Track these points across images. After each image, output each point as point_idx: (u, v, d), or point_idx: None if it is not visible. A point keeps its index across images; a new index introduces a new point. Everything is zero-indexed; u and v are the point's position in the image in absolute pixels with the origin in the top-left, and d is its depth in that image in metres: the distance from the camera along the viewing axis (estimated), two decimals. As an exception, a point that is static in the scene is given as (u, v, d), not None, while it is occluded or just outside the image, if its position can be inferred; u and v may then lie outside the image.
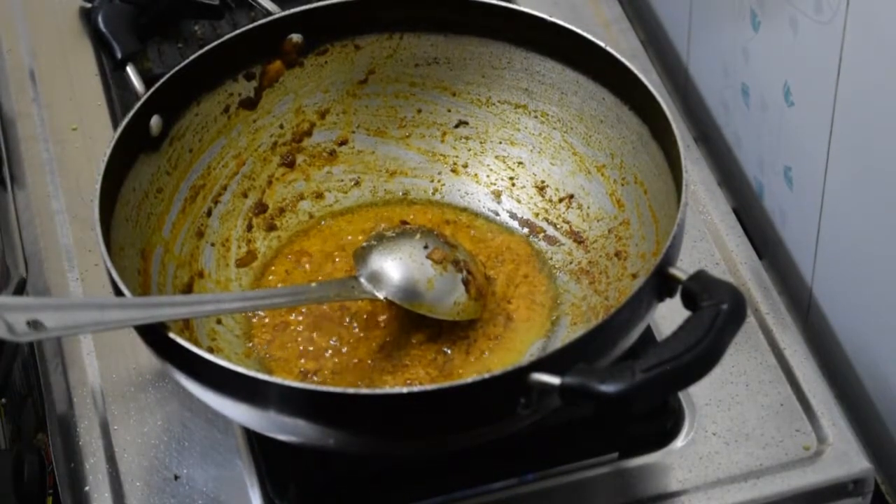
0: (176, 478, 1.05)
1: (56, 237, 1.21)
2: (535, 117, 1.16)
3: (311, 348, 1.08)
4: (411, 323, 1.08)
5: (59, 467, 1.07)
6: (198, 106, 1.12)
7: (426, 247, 1.09)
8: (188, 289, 1.10)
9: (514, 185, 1.18)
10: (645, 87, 1.05)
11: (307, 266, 1.14)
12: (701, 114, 1.34)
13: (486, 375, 0.89)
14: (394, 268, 1.07)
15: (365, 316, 1.09)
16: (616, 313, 0.93)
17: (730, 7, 1.22)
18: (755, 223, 1.26)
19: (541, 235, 1.16)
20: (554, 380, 0.87)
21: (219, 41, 1.11)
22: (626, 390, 0.85)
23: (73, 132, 1.29)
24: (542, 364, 0.89)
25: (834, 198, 1.13)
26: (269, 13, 1.15)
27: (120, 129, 1.05)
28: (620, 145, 1.11)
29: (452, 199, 1.19)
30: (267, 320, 1.10)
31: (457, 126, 1.19)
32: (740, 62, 1.23)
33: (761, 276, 1.17)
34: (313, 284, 1.09)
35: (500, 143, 1.18)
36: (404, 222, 1.17)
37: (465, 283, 1.08)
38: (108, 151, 1.03)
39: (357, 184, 1.19)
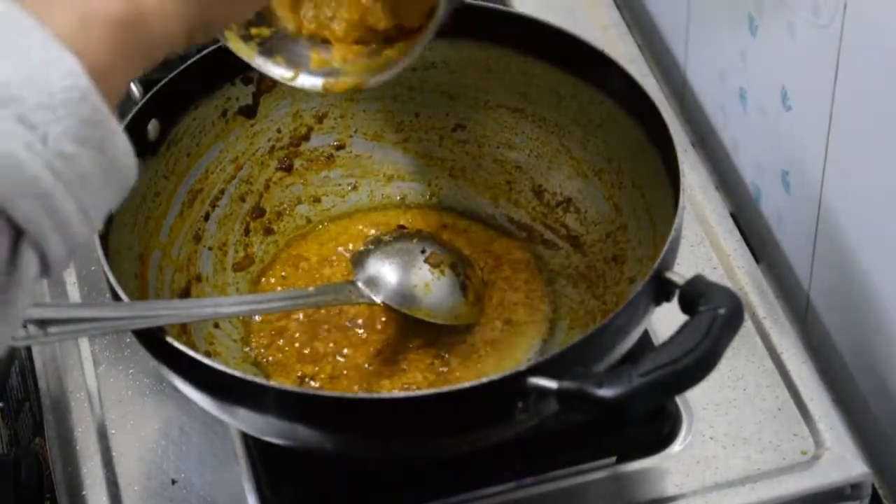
0: (173, 482, 1.05)
1: (53, 241, 1.20)
2: (533, 121, 1.16)
3: (308, 353, 1.08)
4: (409, 327, 1.08)
5: (56, 472, 1.07)
6: (195, 110, 1.12)
7: (423, 251, 1.09)
8: (186, 293, 1.10)
9: (511, 189, 1.18)
10: (642, 91, 1.06)
11: (304, 270, 1.14)
12: (698, 118, 1.34)
13: (484, 380, 0.89)
14: (391, 272, 1.07)
15: (362, 320, 1.09)
16: (613, 317, 0.93)
17: (728, 11, 1.22)
18: (753, 227, 1.27)
19: (538, 240, 1.16)
20: (551, 384, 0.87)
21: (216, 45, 1.11)
22: (623, 395, 0.85)
23: (71, 136, 1.29)
24: (539, 368, 0.89)
25: (831, 202, 1.13)
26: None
27: (117, 134, 1.04)
28: (618, 149, 1.11)
29: (450, 203, 1.19)
30: (264, 325, 1.10)
31: (454, 130, 1.19)
32: (738, 66, 1.23)
33: (759, 280, 1.17)
34: (311, 289, 1.09)
35: (498, 146, 1.18)
36: (402, 227, 1.17)
37: (463, 287, 1.09)
38: (106, 155, 1.03)
39: (355, 188, 1.19)
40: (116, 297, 0.96)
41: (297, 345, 1.08)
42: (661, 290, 0.95)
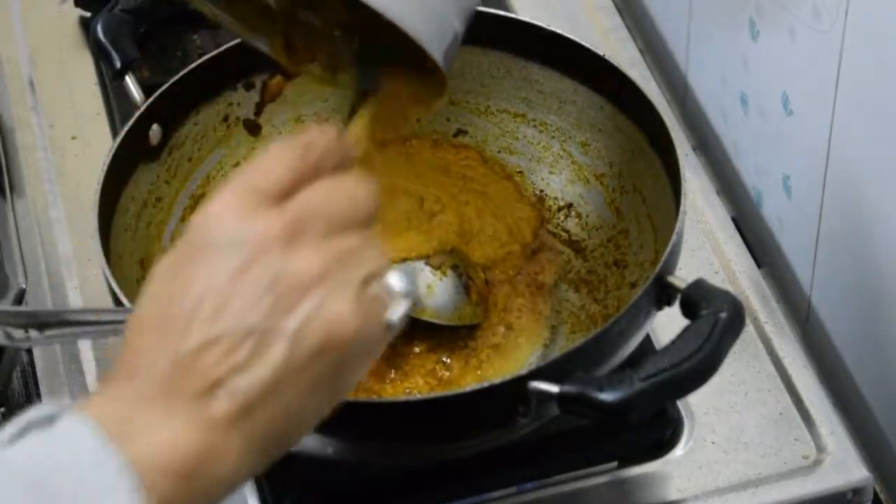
0: (175, 487, 1.05)
1: (55, 246, 1.20)
2: (534, 126, 1.16)
3: (309, 357, 1.07)
4: (411, 332, 1.08)
5: (57, 476, 1.07)
6: (197, 115, 1.12)
7: (424, 253, 1.10)
8: (187, 298, 1.09)
9: (512, 194, 1.18)
10: (643, 95, 1.06)
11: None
12: (700, 122, 1.34)
13: (485, 384, 0.89)
14: (392, 275, 1.07)
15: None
16: (615, 322, 0.93)
17: (729, 16, 1.22)
18: (754, 232, 1.26)
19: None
20: (552, 388, 0.87)
21: (218, 50, 1.11)
22: (624, 399, 0.85)
23: (73, 141, 1.29)
24: (540, 373, 0.89)
25: (833, 207, 1.13)
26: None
27: (119, 139, 1.05)
28: (619, 154, 1.11)
29: (451, 207, 1.19)
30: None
31: (455, 135, 1.19)
32: (739, 71, 1.23)
33: (760, 284, 1.17)
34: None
35: (499, 152, 1.18)
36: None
37: (466, 288, 1.08)
38: (107, 160, 1.03)
39: (356, 193, 1.19)
40: (118, 302, 0.96)
41: (298, 349, 1.08)
42: (662, 294, 0.95)
